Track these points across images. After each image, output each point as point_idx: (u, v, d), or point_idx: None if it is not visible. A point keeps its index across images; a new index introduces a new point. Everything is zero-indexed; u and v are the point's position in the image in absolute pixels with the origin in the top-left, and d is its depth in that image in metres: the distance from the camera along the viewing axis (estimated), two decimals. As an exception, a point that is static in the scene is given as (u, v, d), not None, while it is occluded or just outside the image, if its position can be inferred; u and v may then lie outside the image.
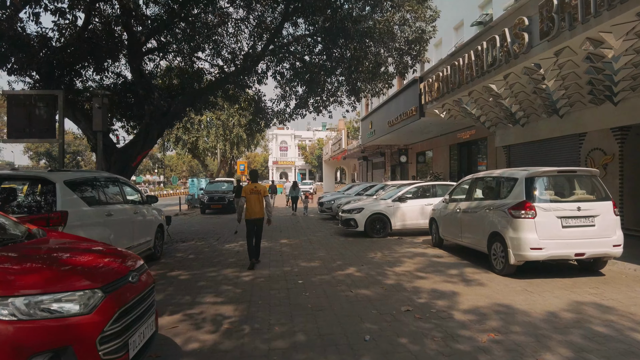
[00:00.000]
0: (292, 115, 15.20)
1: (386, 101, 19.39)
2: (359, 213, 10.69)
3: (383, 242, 9.95)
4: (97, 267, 2.50)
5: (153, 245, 7.98)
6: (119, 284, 2.48)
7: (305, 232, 12.20)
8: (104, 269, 2.51)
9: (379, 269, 6.91)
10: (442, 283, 5.98)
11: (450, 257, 8.04)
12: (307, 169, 70.17)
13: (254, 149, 34.03)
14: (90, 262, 2.52)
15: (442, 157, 20.05)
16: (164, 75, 14.24)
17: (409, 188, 11.11)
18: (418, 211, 10.78)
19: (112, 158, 11.47)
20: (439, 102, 13.78)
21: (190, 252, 9.06)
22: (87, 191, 5.64)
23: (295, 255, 8.41)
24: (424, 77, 15.11)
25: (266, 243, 10.15)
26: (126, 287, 2.55)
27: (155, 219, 8.18)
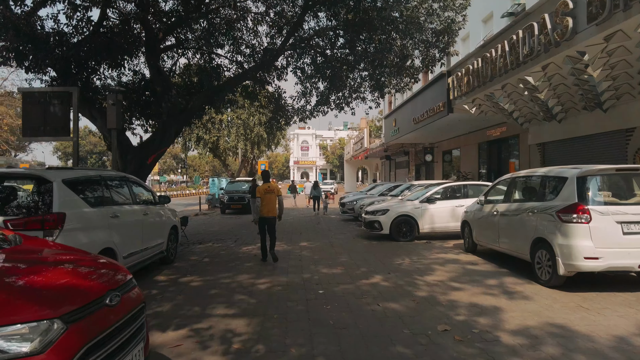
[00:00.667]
0: (312, 113, 14.68)
1: (411, 97, 18.61)
2: (383, 215, 10.03)
3: (410, 247, 9.27)
4: (62, 288, 1.97)
5: (166, 248, 7.54)
6: (89, 310, 1.95)
7: (327, 234, 11.61)
8: (71, 290, 1.98)
9: (408, 278, 6.26)
10: (481, 296, 5.29)
11: (486, 264, 7.30)
12: (329, 169, 69.60)
13: (275, 148, 33.66)
14: (55, 282, 2.00)
15: (470, 155, 19.13)
16: (183, 73, 13.90)
17: (437, 188, 10.38)
18: (448, 213, 10.04)
19: (128, 156, 11.18)
20: (469, 97, 12.96)
21: (205, 255, 8.61)
22: (89, 191, 5.21)
23: (316, 260, 7.83)
24: (452, 71, 14.31)
25: (285, 246, 9.62)
26: (101, 312, 2.02)
27: (168, 220, 7.75)
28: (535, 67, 9.38)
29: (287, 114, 14.80)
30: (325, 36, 12.58)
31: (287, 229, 13.04)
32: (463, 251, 8.63)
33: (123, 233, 5.68)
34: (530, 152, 14.20)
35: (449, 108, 14.51)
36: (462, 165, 19.95)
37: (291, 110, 14.80)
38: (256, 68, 12.09)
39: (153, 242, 6.85)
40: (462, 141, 19.80)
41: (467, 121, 15.99)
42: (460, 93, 13.41)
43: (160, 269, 7.27)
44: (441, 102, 14.92)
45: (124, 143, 11.26)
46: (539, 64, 9.18)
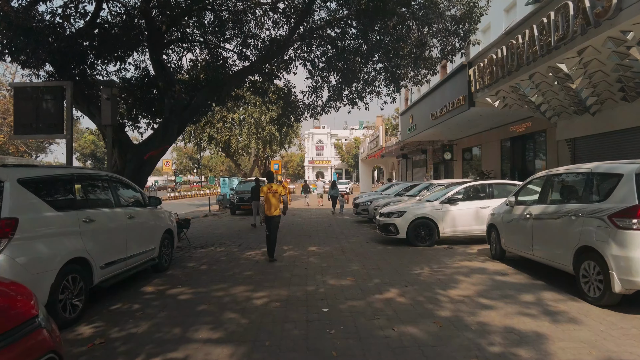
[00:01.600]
0: (324, 109, 13.88)
1: (429, 92, 17.62)
2: (400, 217, 9.14)
3: (430, 253, 8.36)
4: None
5: (158, 254, 6.84)
6: None
7: (338, 238, 10.77)
8: None
9: (428, 292, 5.39)
10: (517, 317, 4.39)
11: (518, 274, 6.37)
12: (344, 169, 68.70)
13: (288, 147, 32.96)
14: None
15: (492, 153, 18.03)
16: (191, 69, 13.25)
17: (459, 188, 9.43)
18: (471, 215, 9.10)
19: (128, 155, 10.56)
20: (492, 89, 11.95)
21: (204, 261, 7.88)
22: (56, 192, 4.51)
23: (324, 268, 7.01)
24: (473, 62, 13.29)
25: (292, 251, 8.83)
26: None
27: (161, 223, 7.04)
28: (568, 53, 8.38)
29: (298, 110, 14.03)
30: (336, 26, 11.75)
31: (296, 232, 12.26)
32: (489, 258, 7.69)
33: (100, 240, 4.97)
34: (559, 149, 13.12)
35: (470, 102, 13.51)
36: (483, 163, 18.87)
37: (302, 106, 14.02)
38: (262, 60, 11.33)
39: (141, 249, 6.14)
40: (483, 138, 18.72)
41: (489, 116, 14.96)
42: (483, 85, 12.41)
43: (151, 278, 6.56)
44: (461, 95, 13.93)
45: (123, 141, 10.67)
46: (574, 49, 8.18)
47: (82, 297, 4.52)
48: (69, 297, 4.32)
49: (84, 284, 4.55)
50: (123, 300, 5.31)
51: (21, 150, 38.10)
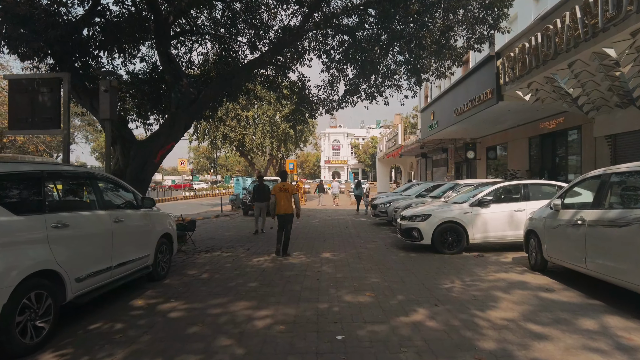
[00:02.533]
0: (340, 104, 13.05)
1: (452, 86, 16.58)
2: (424, 221, 8.22)
3: (458, 262, 7.43)
4: None
5: (153, 261, 6.10)
6: None
7: (354, 243, 9.89)
8: None
9: (463, 314, 4.49)
10: (583, 353, 3.46)
11: (567, 291, 5.40)
12: (360, 168, 67.67)
13: (303, 146, 32.17)
14: None
15: (519, 151, 16.90)
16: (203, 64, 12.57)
17: (491, 189, 8.45)
18: (505, 219, 8.12)
19: (131, 152, 9.92)
20: (524, 81, 10.91)
21: (206, 269, 7.13)
22: (16, 192, 3.79)
23: (338, 280, 6.15)
24: (502, 52, 12.26)
25: (304, 257, 8.01)
26: None
27: (157, 227, 6.30)
28: (619, 35, 7.36)
29: (312, 106, 13.22)
30: (354, 13, 10.88)
31: (310, 235, 11.44)
32: (528, 269, 6.71)
33: (76, 248, 4.24)
34: (597, 146, 12.00)
35: (498, 95, 12.48)
36: (509, 162, 17.76)
37: (316, 101, 13.20)
38: (274, 50, 10.55)
39: (131, 256, 5.41)
40: (509, 135, 17.60)
41: (517, 111, 13.89)
42: (513, 77, 11.38)
43: (144, 289, 5.83)
44: (489, 89, 12.89)
45: (126, 137, 10.03)
46: (626, 30, 7.14)
47: (50, 318, 3.78)
48: (32, 318, 3.59)
49: (53, 302, 3.82)
50: (106, 317, 4.57)
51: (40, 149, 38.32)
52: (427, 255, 8.05)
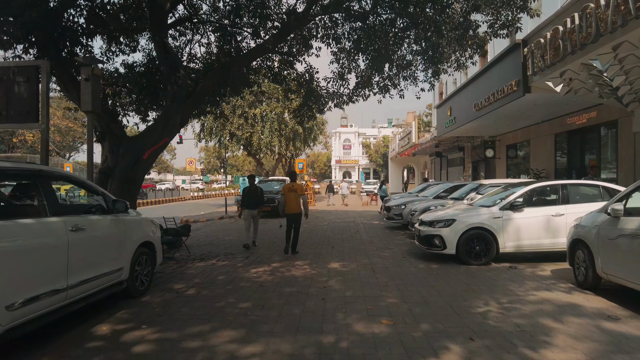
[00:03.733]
0: (351, 97, 12.03)
1: (472, 79, 15.41)
2: (448, 227, 7.13)
3: (489, 275, 6.33)
4: None
5: (129, 275, 5.16)
6: None
7: (367, 250, 8.84)
8: None
9: (509, 354, 3.43)
10: None
11: (636, 319, 4.30)
12: (372, 168, 66.47)
13: (313, 145, 31.15)
14: None
15: (543, 149, 15.67)
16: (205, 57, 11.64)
17: (523, 190, 7.32)
18: (541, 225, 7.00)
19: (121, 149, 9.05)
20: (556, 70, 9.75)
21: (195, 282, 6.17)
22: None
23: (348, 300, 5.12)
24: (529, 39, 11.10)
25: (308, 268, 7.00)
26: None
27: (134, 235, 5.35)
28: (679, 10, 6.21)
29: (321, 100, 12.21)
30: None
31: (317, 240, 10.43)
32: (575, 287, 5.60)
33: (10, 266, 3.30)
34: (636, 143, 10.78)
35: (524, 87, 11.33)
36: (532, 161, 16.54)
37: (325, 94, 12.19)
38: (278, 37, 9.56)
39: (97, 271, 4.46)
40: (532, 132, 16.39)
41: (544, 105, 12.72)
42: (543, 65, 10.20)
43: (116, 308, 4.89)
44: (513, 80, 11.74)
45: (115, 133, 9.15)
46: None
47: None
48: None
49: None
50: (52, 351, 3.63)
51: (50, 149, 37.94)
52: (450, 266, 6.97)
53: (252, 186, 9.54)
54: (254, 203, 9.31)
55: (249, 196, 9.40)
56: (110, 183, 8.86)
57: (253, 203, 9.31)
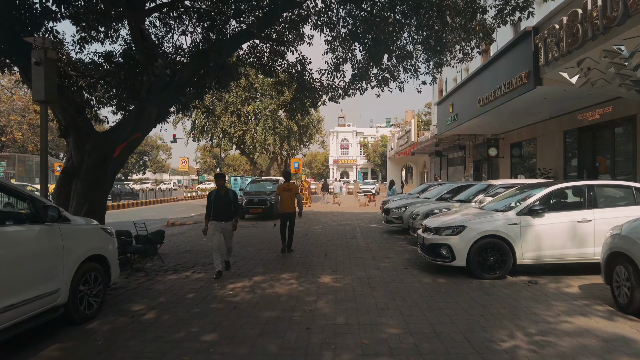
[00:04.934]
0: (347, 91, 11.08)
1: (476, 72, 14.44)
2: (457, 235, 6.15)
3: (507, 293, 5.35)
4: None
5: (68, 299, 4.16)
6: None
7: (363, 259, 7.84)
8: None
9: None
10: None
11: None
12: (370, 168, 65.57)
13: (308, 143, 30.15)
14: None
15: (551, 147, 14.74)
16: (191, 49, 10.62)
17: (544, 192, 6.35)
18: (565, 233, 6.03)
19: (87, 146, 8.06)
20: (573, 59, 8.78)
21: (159, 301, 5.18)
22: None
23: (338, 330, 4.13)
24: (542, 26, 10.12)
25: (295, 283, 6.00)
26: None
27: (75, 248, 4.34)
28: None
29: (315, 93, 11.25)
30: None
31: (309, 246, 9.44)
32: (615, 310, 4.62)
33: None
34: (657, 141, 9.86)
35: (535, 79, 10.33)
36: (538, 160, 15.60)
37: (319, 87, 11.22)
38: (265, 20, 8.55)
39: (17, 297, 3.47)
40: (539, 130, 15.45)
41: (555, 99, 11.75)
42: (558, 54, 9.22)
43: (50, 340, 3.89)
44: (523, 71, 10.75)
45: (82, 128, 8.15)
46: None
47: None
48: None
49: None
50: None
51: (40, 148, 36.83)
52: (460, 281, 5.99)
53: (222, 189, 7.02)
54: (225, 213, 6.91)
55: (216, 203, 6.87)
56: (76, 184, 7.89)
57: (223, 213, 6.90)
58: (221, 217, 6.90)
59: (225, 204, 6.90)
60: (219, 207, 6.88)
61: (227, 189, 7.12)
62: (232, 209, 6.98)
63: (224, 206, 6.90)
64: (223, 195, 6.94)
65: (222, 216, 6.90)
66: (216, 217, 6.89)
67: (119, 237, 7.37)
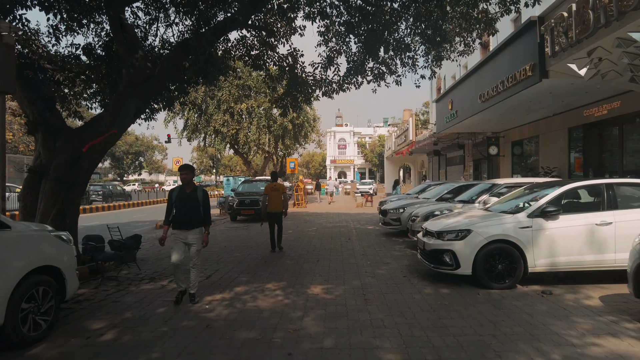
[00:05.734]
0: (342, 85, 10.46)
1: (476, 67, 13.83)
2: (461, 240, 5.52)
3: (519, 306, 4.72)
4: None
5: (4, 320, 3.51)
6: None
7: (358, 266, 7.19)
8: None
9: None
10: None
11: None
12: (367, 168, 65.02)
13: (304, 142, 29.46)
14: None
15: (554, 146, 14.17)
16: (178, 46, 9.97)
17: (558, 191, 5.72)
18: (582, 237, 5.40)
19: (57, 144, 7.42)
20: (582, 48, 8.18)
21: (123, 319, 4.52)
22: None
23: (326, 354, 3.47)
24: (548, 15, 9.54)
25: (281, 296, 5.34)
26: None
27: (14, 260, 3.68)
28: None
29: (307, 88, 10.61)
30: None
31: (301, 250, 8.80)
32: (646, 325, 4.02)
33: None
34: (669, 137, 9.27)
35: (541, 71, 9.74)
36: (541, 158, 15.04)
37: (312, 81, 10.58)
38: (251, 5, 7.89)
39: None
40: (541, 127, 14.89)
41: (560, 94, 11.17)
42: (567, 44, 8.62)
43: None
44: (528, 64, 10.15)
45: (51, 123, 7.52)
46: None
47: None
48: None
49: None
50: None
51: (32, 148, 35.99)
52: (465, 291, 5.35)
53: (187, 186, 5.26)
54: (190, 219, 5.17)
55: (179, 204, 5.18)
56: (44, 184, 7.23)
57: (188, 219, 5.16)
58: (184, 224, 5.16)
59: (190, 206, 5.16)
60: (182, 210, 5.16)
61: (195, 187, 5.33)
62: (200, 213, 5.22)
63: (189, 209, 5.15)
64: (189, 195, 5.21)
65: (185, 223, 5.16)
66: (178, 224, 5.18)
67: (87, 243, 6.72)
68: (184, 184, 5.30)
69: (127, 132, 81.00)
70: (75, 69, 8.80)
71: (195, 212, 5.20)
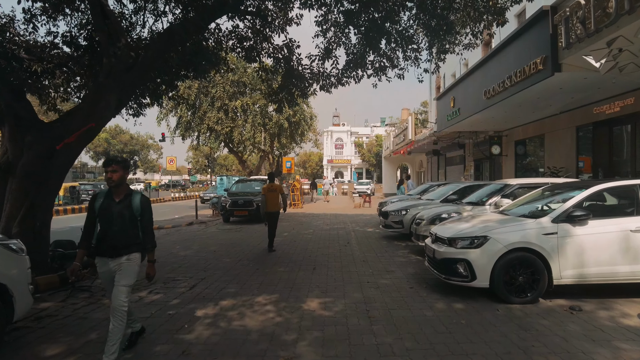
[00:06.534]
0: (341, 79, 9.83)
1: (481, 62, 13.20)
2: (477, 248, 4.86)
3: (547, 325, 4.07)
4: None
5: None
6: None
7: (359, 274, 6.52)
8: None
9: None
10: None
11: None
12: (364, 168, 64.48)
13: (300, 141, 28.77)
14: None
15: (561, 145, 13.56)
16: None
17: (585, 193, 5.07)
18: (615, 245, 4.76)
19: (27, 138, 6.73)
20: (602, 38, 7.56)
21: (85, 342, 3.83)
22: None
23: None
24: (561, 4, 8.92)
25: (272, 312, 4.66)
26: None
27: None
28: None
29: (304, 81, 9.97)
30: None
31: (296, 256, 8.12)
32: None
33: None
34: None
35: (553, 65, 9.09)
36: (547, 158, 14.42)
37: (309, 74, 9.94)
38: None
39: None
40: (547, 126, 14.28)
41: (571, 90, 10.56)
42: (583, 34, 7.97)
43: None
44: (539, 57, 9.50)
45: (21, 116, 6.83)
46: None
47: None
48: None
49: None
50: None
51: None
52: (482, 305, 4.69)
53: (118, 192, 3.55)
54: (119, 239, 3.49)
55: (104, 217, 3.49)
56: (11, 183, 6.54)
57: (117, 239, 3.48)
58: (111, 249, 3.46)
59: (121, 221, 3.48)
60: (109, 226, 3.47)
61: (131, 192, 3.61)
62: (136, 231, 3.55)
63: (119, 225, 3.47)
64: (118, 204, 3.51)
65: (113, 246, 3.46)
66: (102, 248, 3.48)
67: (56, 250, 6.02)
68: (111, 188, 3.52)
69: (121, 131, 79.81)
70: (55, 60, 8.12)
71: (128, 228, 3.49)
